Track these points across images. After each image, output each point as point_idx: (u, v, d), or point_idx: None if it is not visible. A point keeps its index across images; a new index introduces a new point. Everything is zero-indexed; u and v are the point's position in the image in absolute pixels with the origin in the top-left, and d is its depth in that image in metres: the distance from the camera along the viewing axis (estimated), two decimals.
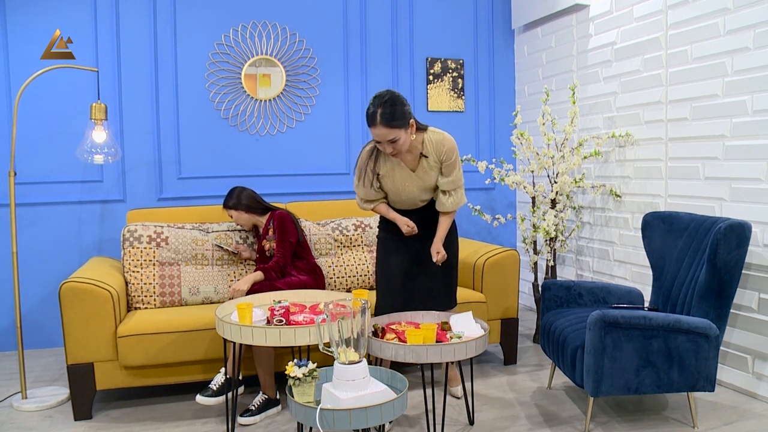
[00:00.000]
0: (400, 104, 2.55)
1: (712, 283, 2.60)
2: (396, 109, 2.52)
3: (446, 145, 2.70)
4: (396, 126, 2.53)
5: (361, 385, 1.94)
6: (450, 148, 2.71)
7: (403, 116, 2.54)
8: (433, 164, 2.72)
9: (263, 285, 3.05)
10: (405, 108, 2.56)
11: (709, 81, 3.13)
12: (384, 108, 2.51)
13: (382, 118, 2.51)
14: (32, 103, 3.75)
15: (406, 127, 2.56)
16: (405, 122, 2.56)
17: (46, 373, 3.47)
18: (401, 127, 2.55)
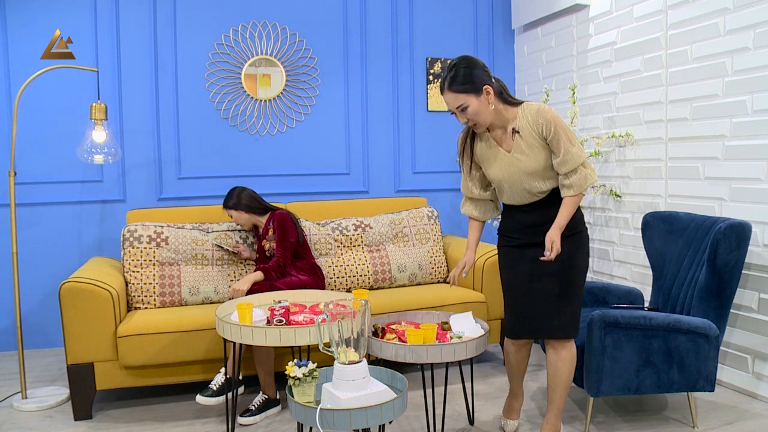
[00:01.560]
0: (470, 66, 2.23)
1: (712, 283, 2.60)
2: (463, 72, 2.22)
3: (543, 115, 2.23)
4: (462, 90, 2.21)
5: (361, 385, 1.94)
6: (549, 118, 2.22)
7: (472, 79, 2.21)
8: (532, 142, 2.27)
9: (263, 285, 3.05)
10: (474, 71, 2.22)
11: (709, 81, 3.13)
12: (450, 72, 2.25)
13: (447, 83, 2.24)
14: (32, 103, 3.75)
15: (477, 93, 2.22)
16: (475, 86, 2.21)
17: (46, 373, 3.47)
18: (469, 92, 2.21)
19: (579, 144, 2.24)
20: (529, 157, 2.28)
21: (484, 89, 2.23)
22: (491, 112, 2.27)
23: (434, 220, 3.92)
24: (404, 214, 3.92)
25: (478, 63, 2.26)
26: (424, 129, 4.56)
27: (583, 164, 2.23)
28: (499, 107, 2.29)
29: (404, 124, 4.50)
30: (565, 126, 2.24)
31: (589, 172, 2.24)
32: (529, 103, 2.31)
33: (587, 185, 2.24)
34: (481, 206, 2.58)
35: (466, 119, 2.29)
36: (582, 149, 2.24)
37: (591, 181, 2.24)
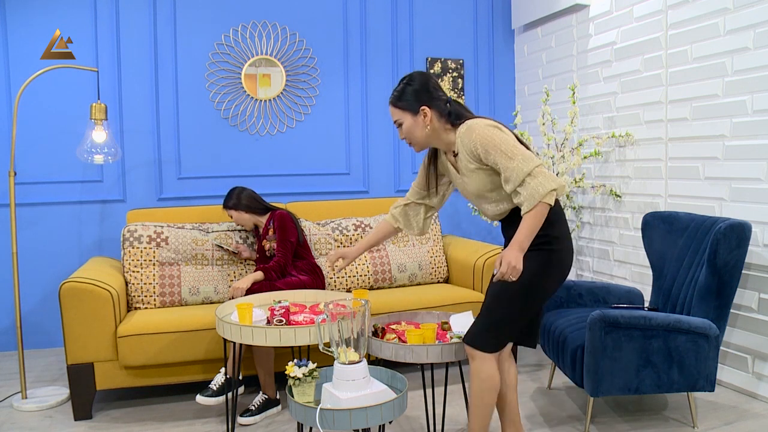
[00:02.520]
0: (413, 84, 2.17)
1: (712, 283, 2.60)
2: (403, 88, 2.18)
3: (470, 135, 2.08)
4: (399, 107, 2.18)
5: (361, 385, 1.93)
6: (476, 138, 2.06)
7: (411, 98, 2.15)
8: (469, 165, 2.14)
9: (263, 285, 3.05)
10: (416, 89, 2.16)
11: (709, 81, 3.13)
12: (398, 85, 2.21)
13: (391, 96, 2.21)
14: (32, 103, 3.75)
15: (413, 112, 2.16)
16: (411, 105, 2.16)
17: (46, 373, 3.47)
18: (405, 109, 2.17)
19: (522, 154, 2.00)
20: (472, 179, 2.16)
21: (421, 110, 2.15)
22: (427, 135, 2.18)
23: (434, 221, 3.92)
24: None
25: (424, 82, 2.18)
26: None
27: (531, 174, 1.97)
28: (441, 130, 2.19)
29: None
30: (499, 140, 2.03)
31: (541, 180, 1.96)
32: (465, 122, 2.14)
33: (542, 195, 1.95)
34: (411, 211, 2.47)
35: (401, 134, 2.23)
36: (527, 158, 1.99)
37: (546, 188, 1.95)
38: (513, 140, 2.07)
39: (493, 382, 2.15)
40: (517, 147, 2.03)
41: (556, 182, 1.97)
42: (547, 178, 1.97)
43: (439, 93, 2.19)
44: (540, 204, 1.96)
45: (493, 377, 2.15)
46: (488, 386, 2.15)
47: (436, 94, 2.18)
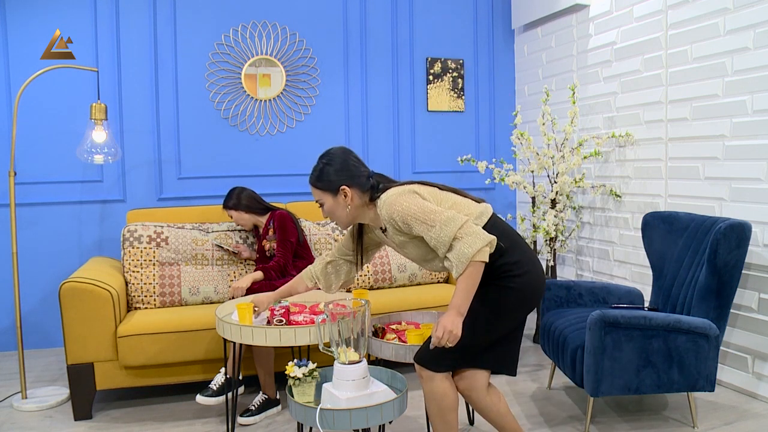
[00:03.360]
0: (330, 163, 2.12)
1: (712, 283, 2.60)
2: (321, 168, 2.13)
3: (391, 207, 2.01)
4: (318, 187, 2.13)
5: (361, 385, 1.93)
6: (395, 209, 1.99)
7: (328, 178, 2.10)
8: (401, 237, 2.08)
9: (263, 285, 3.05)
10: (333, 169, 2.10)
11: (709, 81, 3.13)
12: (317, 164, 2.16)
13: (311, 174, 2.16)
14: (32, 103, 3.75)
15: (333, 193, 2.10)
16: (330, 185, 2.10)
17: (46, 373, 3.47)
18: (324, 189, 2.11)
19: (441, 219, 1.92)
20: (410, 249, 2.10)
21: (341, 190, 2.08)
22: (349, 214, 2.11)
23: None
24: None
25: (343, 159, 2.12)
26: (424, 129, 4.56)
27: (456, 237, 1.88)
28: (364, 207, 2.12)
29: (404, 123, 4.50)
30: (416, 210, 1.96)
31: (468, 241, 1.86)
32: (381, 197, 2.07)
33: (469, 257, 1.86)
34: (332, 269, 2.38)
35: (325, 215, 2.17)
36: (447, 222, 1.90)
37: (473, 248, 1.86)
38: (431, 205, 1.97)
39: (450, 400, 2.06)
40: (435, 213, 1.93)
41: (485, 239, 1.88)
42: (474, 238, 1.87)
43: (360, 169, 2.12)
44: (472, 264, 1.88)
45: (449, 394, 2.06)
46: (446, 405, 2.06)
47: (357, 171, 2.10)
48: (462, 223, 1.90)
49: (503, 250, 2.02)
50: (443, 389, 2.06)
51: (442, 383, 2.06)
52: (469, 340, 2.01)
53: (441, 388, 2.06)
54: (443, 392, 2.06)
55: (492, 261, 1.98)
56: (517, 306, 2.06)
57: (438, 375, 2.06)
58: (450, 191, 2.13)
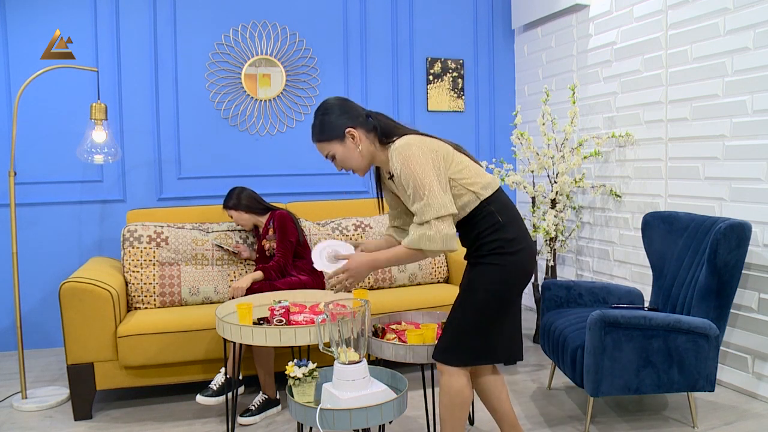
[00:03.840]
0: (326, 113, 2.09)
1: (712, 283, 2.60)
2: (320, 121, 2.09)
3: (397, 157, 1.97)
4: (324, 139, 2.09)
5: (361, 385, 1.93)
6: (399, 162, 1.95)
7: (330, 126, 2.06)
8: (406, 189, 2.00)
9: (263, 285, 3.05)
10: (330, 116, 2.07)
11: (709, 81, 3.13)
12: (314, 120, 2.12)
13: (312, 132, 2.13)
14: (32, 103, 3.75)
15: (340, 139, 2.06)
16: (334, 133, 2.06)
17: (46, 373, 3.46)
18: (331, 139, 2.07)
19: (435, 195, 1.90)
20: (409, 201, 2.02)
21: (347, 133, 2.05)
22: (360, 156, 2.06)
23: None
24: None
25: (340, 104, 2.09)
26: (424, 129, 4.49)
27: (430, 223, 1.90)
28: (374, 148, 2.08)
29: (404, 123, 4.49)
30: (420, 172, 1.92)
31: (436, 234, 1.88)
32: (397, 141, 2.02)
33: (424, 245, 1.89)
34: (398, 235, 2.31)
35: (340, 167, 2.12)
36: (436, 207, 1.90)
37: (433, 244, 1.89)
38: (434, 181, 1.92)
39: (464, 397, 2.06)
40: (432, 191, 1.90)
41: (446, 245, 1.90)
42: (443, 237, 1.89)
43: (359, 110, 2.10)
44: (415, 250, 1.92)
45: (463, 392, 2.05)
46: (459, 401, 2.06)
47: (356, 112, 2.08)
48: (444, 215, 1.91)
49: (500, 225, 2.00)
50: (459, 386, 2.05)
51: (459, 379, 2.05)
52: (462, 323, 2.03)
53: (458, 384, 2.05)
54: (459, 389, 2.05)
55: (486, 235, 1.99)
56: (507, 286, 2.02)
57: (455, 370, 2.05)
58: (464, 155, 2.09)
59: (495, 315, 2.04)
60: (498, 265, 2.00)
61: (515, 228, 2.04)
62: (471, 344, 2.04)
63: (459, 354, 2.05)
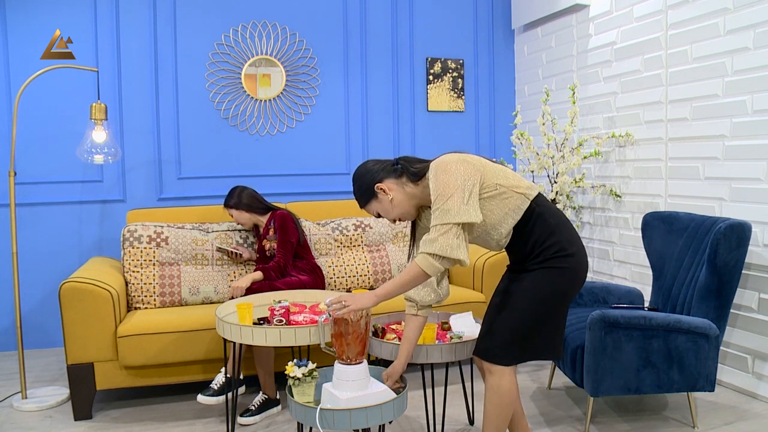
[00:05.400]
0: (358, 179, 2.11)
1: (712, 283, 2.60)
2: (356, 187, 2.13)
3: (432, 168, 2.01)
4: (365, 203, 2.13)
5: (361, 385, 1.93)
6: (433, 169, 1.98)
7: (364, 190, 2.10)
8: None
9: (263, 285, 3.05)
10: (360, 183, 2.10)
11: (709, 81, 3.13)
12: (353, 190, 2.15)
13: (358, 203, 2.16)
14: (32, 103, 3.75)
15: (374, 197, 2.10)
16: (369, 193, 2.09)
17: (46, 373, 3.47)
18: (369, 200, 2.11)
19: (455, 201, 1.89)
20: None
21: (376, 189, 2.08)
22: (399, 202, 2.08)
23: None
24: None
25: (361, 170, 2.11)
26: (424, 129, 4.56)
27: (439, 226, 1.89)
28: (411, 189, 2.08)
29: (404, 124, 4.50)
30: (446, 179, 1.92)
31: (436, 237, 1.87)
32: (432, 165, 2.01)
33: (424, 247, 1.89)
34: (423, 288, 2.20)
35: (392, 220, 2.14)
36: (455, 208, 1.89)
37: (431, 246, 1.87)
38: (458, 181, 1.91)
39: (513, 397, 2.05)
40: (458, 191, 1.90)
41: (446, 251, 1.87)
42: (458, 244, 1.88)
43: (381, 165, 2.11)
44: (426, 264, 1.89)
45: (513, 391, 2.05)
46: (508, 401, 2.05)
47: (378, 167, 2.10)
48: (458, 222, 1.89)
49: (552, 228, 2.01)
50: (511, 385, 2.04)
51: (511, 378, 2.04)
52: (520, 324, 2.01)
53: (509, 384, 2.04)
54: (509, 388, 2.04)
55: (543, 241, 2.00)
56: (570, 287, 2.04)
57: (507, 370, 2.04)
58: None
59: (554, 315, 2.06)
60: (562, 268, 2.00)
61: (567, 229, 2.06)
62: (527, 344, 2.04)
63: (514, 354, 2.04)
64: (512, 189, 2.01)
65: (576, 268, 2.03)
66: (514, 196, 2.01)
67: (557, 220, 2.04)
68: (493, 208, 2.00)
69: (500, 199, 1.99)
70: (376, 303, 1.93)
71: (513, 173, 2.09)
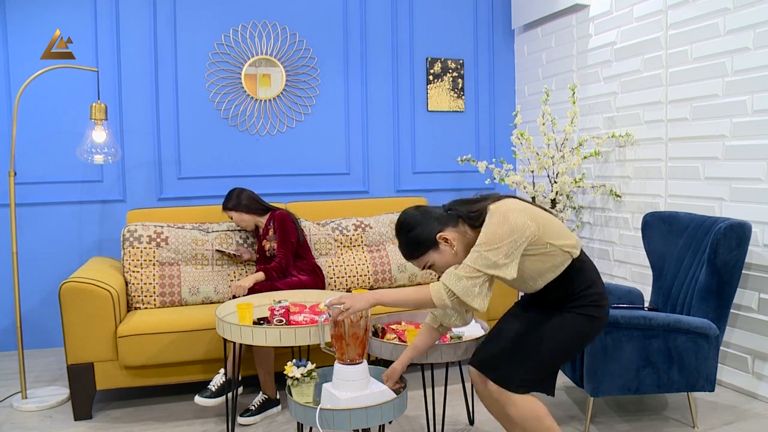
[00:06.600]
0: (414, 227, 1.99)
1: (712, 283, 2.60)
2: (411, 236, 2.00)
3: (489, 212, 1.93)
4: (421, 254, 2.01)
5: (361, 385, 1.93)
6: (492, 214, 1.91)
7: (423, 240, 1.98)
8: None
9: (263, 285, 3.05)
10: (416, 232, 1.99)
11: (709, 81, 3.13)
12: (400, 239, 2.04)
13: (403, 252, 2.05)
14: (32, 103, 3.75)
15: (434, 248, 1.99)
16: (428, 244, 1.99)
17: (46, 373, 3.46)
18: (426, 251, 2.00)
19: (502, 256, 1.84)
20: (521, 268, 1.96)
21: (439, 239, 1.98)
22: (461, 252, 1.99)
23: None
24: None
25: (416, 217, 2.01)
26: (424, 129, 4.56)
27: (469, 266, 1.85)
28: (468, 237, 2.00)
29: (404, 124, 4.50)
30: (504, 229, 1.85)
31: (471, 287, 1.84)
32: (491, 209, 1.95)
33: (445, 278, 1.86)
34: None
35: (439, 272, 2.03)
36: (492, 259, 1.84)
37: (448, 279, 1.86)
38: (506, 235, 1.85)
39: (542, 410, 1.97)
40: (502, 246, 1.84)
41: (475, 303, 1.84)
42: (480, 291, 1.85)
43: (436, 211, 2.04)
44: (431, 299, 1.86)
45: (537, 407, 1.96)
46: (542, 414, 1.96)
47: (435, 214, 2.02)
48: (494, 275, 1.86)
49: (591, 282, 2.03)
50: (530, 406, 1.96)
51: (525, 401, 1.96)
52: (542, 359, 2.00)
53: (528, 406, 1.96)
54: (532, 408, 1.96)
55: (582, 290, 2.00)
56: (594, 334, 2.08)
57: (517, 396, 1.97)
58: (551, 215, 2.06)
59: (569, 356, 2.09)
60: (594, 317, 2.01)
61: (600, 282, 2.08)
62: (544, 378, 2.03)
63: (529, 385, 2.00)
64: (560, 248, 1.96)
65: (603, 319, 2.06)
66: (559, 255, 1.97)
67: (594, 275, 2.06)
68: (537, 262, 1.96)
69: (546, 256, 1.95)
70: (372, 305, 1.93)
71: (561, 226, 2.02)
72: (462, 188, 4.63)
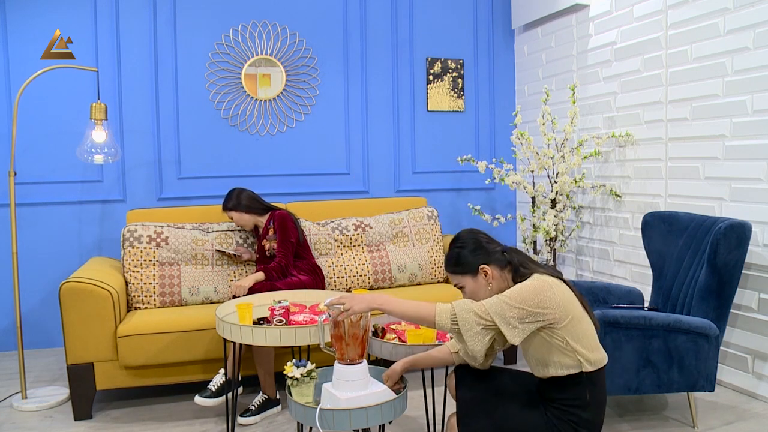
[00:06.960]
0: (463, 246, 2.03)
1: (712, 283, 2.60)
2: (460, 253, 2.02)
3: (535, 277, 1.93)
4: (454, 272, 2.04)
5: (361, 385, 1.93)
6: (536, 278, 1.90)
7: (463, 261, 2.01)
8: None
9: (263, 285, 3.05)
10: (467, 251, 2.02)
11: (709, 81, 3.13)
12: (450, 251, 2.06)
13: (446, 262, 2.07)
14: (32, 103, 3.75)
15: (472, 274, 2.01)
16: (468, 268, 2.00)
17: (46, 373, 3.46)
18: (463, 273, 2.02)
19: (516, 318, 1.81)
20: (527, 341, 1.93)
21: (481, 269, 1.99)
22: (490, 293, 1.98)
23: (434, 220, 3.92)
24: (404, 214, 3.92)
25: (474, 240, 2.04)
26: (424, 129, 4.56)
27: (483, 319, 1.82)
28: (505, 285, 1.99)
29: (404, 124, 4.50)
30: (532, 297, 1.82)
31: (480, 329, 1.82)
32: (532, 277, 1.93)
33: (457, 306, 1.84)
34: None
35: (466, 297, 2.04)
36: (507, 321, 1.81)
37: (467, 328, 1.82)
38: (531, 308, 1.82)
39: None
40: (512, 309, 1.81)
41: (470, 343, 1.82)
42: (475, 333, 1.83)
43: (493, 246, 2.05)
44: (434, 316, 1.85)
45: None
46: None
47: (490, 248, 2.04)
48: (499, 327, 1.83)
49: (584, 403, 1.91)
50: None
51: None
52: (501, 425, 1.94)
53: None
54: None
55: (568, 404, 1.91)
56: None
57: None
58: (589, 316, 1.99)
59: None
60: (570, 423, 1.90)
61: (597, 412, 1.94)
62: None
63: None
64: (576, 351, 1.89)
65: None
66: (571, 357, 1.90)
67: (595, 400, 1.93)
68: (545, 349, 1.90)
69: (556, 350, 1.89)
70: (372, 309, 1.90)
71: (591, 337, 1.96)
72: (462, 188, 4.63)
